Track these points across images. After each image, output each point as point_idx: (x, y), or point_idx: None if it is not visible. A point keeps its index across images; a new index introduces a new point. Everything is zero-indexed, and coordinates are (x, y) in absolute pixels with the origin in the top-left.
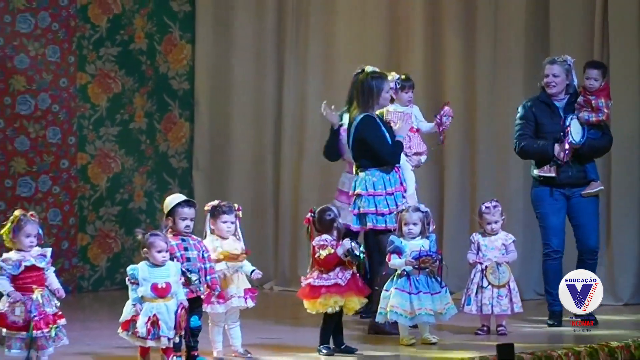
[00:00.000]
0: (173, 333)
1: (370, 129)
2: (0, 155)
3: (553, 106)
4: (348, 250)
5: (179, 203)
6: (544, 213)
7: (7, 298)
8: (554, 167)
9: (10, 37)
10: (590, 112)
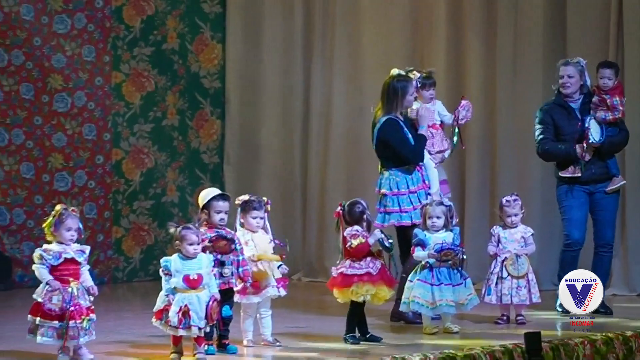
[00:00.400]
0: (204, 323)
1: (393, 131)
2: (38, 151)
3: (569, 108)
4: (378, 240)
5: (214, 196)
6: (568, 206)
7: (45, 286)
8: (578, 167)
9: (48, 38)
10: (606, 111)
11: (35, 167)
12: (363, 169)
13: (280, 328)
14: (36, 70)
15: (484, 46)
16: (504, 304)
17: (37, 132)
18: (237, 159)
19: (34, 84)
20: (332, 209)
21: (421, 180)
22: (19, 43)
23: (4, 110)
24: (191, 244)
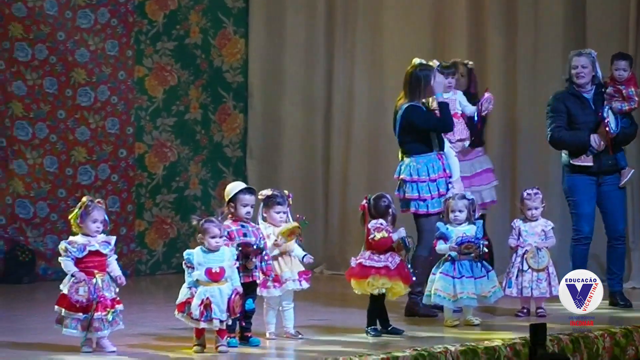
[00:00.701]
0: (225, 316)
1: (416, 114)
2: (62, 145)
3: (583, 98)
4: (402, 238)
5: (241, 190)
6: (579, 201)
7: (71, 278)
8: (590, 156)
9: (72, 32)
10: (622, 102)
11: (59, 160)
12: (385, 162)
13: (303, 321)
14: (60, 65)
15: (504, 39)
16: (525, 297)
17: (61, 126)
18: (260, 153)
19: (57, 78)
20: (354, 202)
21: (442, 169)
22: (43, 37)
23: (28, 104)
24: (213, 237)
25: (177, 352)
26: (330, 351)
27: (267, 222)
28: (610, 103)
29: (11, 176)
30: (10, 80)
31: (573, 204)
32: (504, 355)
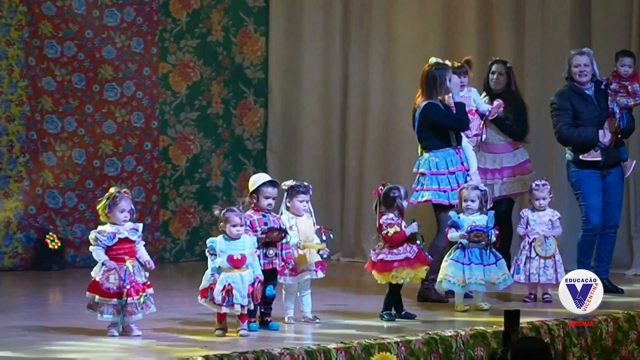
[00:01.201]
0: (247, 301)
1: (435, 112)
2: (90, 138)
3: (585, 95)
4: (414, 233)
5: (264, 183)
6: (588, 193)
7: (102, 267)
8: (598, 151)
9: (99, 30)
10: (627, 97)
11: (87, 153)
12: (398, 154)
13: (320, 306)
14: (87, 61)
15: (512, 36)
16: (532, 283)
17: (89, 119)
18: (280, 146)
19: (85, 74)
20: (368, 193)
21: (459, 162)
22: (71, 35)
23: (57, 99)
24: (235, 225)
25: (201, 335)
26: (346, 335)
27: (290, 212)
28: (616, 99)
29: (41, 168)
30: (40, 76)
31: (582, 196)
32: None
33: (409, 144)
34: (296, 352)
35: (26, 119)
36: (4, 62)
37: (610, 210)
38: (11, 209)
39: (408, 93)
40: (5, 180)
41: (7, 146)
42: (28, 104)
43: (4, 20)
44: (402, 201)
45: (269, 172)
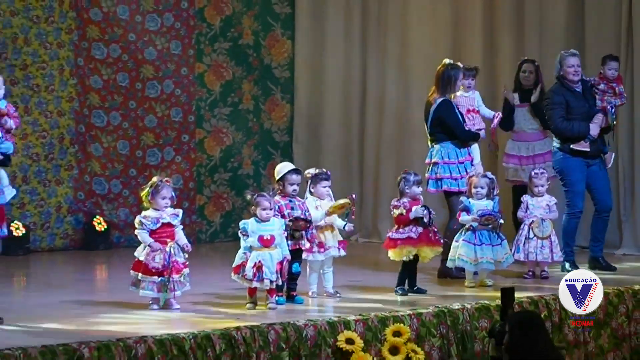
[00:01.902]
0: (275, 277)
1: (449, 112)
2: (133, 131)
3: (576, 92)
4: (417, 216)
5: (289, 171)
6: (575, 180)
7: (147, 248)
8: (587, 142)
9: (141, 34)
10: (615, 97)
11: (130, 144)
12: (410, 144)
13: (341, 281)
14: (131, 62)
15: (513, 42)
16: (530, 261)
17: (132, 114)
18: (304, 137)
19: (129, 74)
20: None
21: (467, 153)
22: (116, 38)
23: (104, 96)
24: (265, 209)
25: (233, 308)
26: (364, 308)
27: (314, 196)
28: (604, 98)
29: (89, 158)
30: (88, 75)
31: (569, 182)
32: None
33: (419, 136)
34: (319, 323)
35: (75, 113)
36: (56, 63)
37: (602, 197)
38: (62, 194)
39: (419, 91)
40: (57, 168)
41: (58, 138)
42: (77, 100)
43: (55, 25)
44: (409, 188)
45: (295, 161)
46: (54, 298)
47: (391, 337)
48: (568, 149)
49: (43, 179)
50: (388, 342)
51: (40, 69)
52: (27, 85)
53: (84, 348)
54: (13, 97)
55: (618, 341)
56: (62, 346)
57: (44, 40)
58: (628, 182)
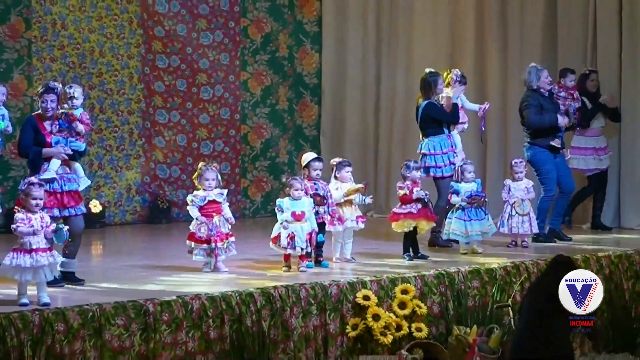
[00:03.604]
0: (305, 245)
1: (435, 110)
2: (189, 126)
3: (546, 97)
4: (418, 196)
5: (312, 159)
6: (549, 169)
7: (196, 221)
8: (559, 140)
9: (197, 48)
10: (574, 101)
11: (187, 137)
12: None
13: (358, 249)
14: (188, 70)
15: (499, 55)
16: (513, 234)
17: (189, 113)
18: (329, 132)
19: (186, 80)
20: (394, 166)
21: (450, 145)
22: (176, 51)
23: (165, 98)
24: (297, 189)
25: (271, 271)
26: (378, 271)
27: (338, 180)
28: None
29: (153, 148)
30: (153, 81)
31: (545, 171)
32: (499, 274)
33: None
34: (341, 283)
35: (142, 112)
36: (126, 71)
37: (567, 181)
38: (131, 178)
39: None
40: (127, 157)
41: (128, 132)
42: (144, 102)
43: (126, 40)
44: (409, 173)
45: (322, 152)
46: (124, 263)
47: (400, 294)
48: (539, 143)
49: (115, 166)
50: (397, 299)
51: (113, 76)
52: (102, 89)
53: (149, 304)
54: (91, 99)
55: None
56: (131, 302)
57: (116, 52)
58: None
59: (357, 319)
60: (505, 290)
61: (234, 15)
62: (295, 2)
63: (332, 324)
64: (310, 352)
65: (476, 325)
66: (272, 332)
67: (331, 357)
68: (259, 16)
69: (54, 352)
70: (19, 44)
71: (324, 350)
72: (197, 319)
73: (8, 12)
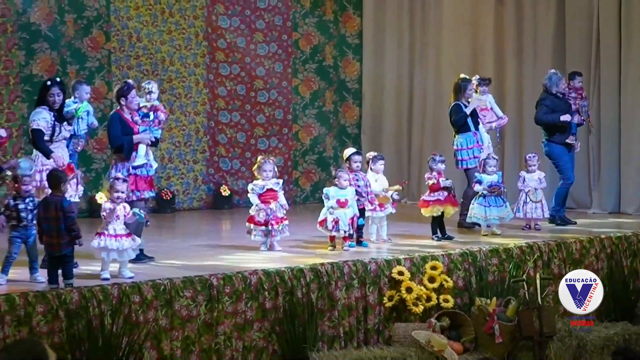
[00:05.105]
0: (348, 228)
1: (454, 112)
2: (248, 126)
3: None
4: (445, 186)
5: (352, 153)
6: (567, 161)
7: (255, 207)
8: (574, 137)
9: (254, 57)
10: (582, 100)
11: (246, 135)
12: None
13: (393, 231)
14: (247, 77)
15: (516, 62)
16: (527, 218)
17: (247, 114)
18: (369, 131)
19: (245, 86)
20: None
21: (476, 141)
22: (236, 60)
23: (227, 101)
24: (345, 180)
25: (319, 250)
26: (410, 249)
27: (373, 171)
28: (576, 102)
29: (217, 144)
30: (216, 86)
31: (562, 163)
32: (515, 253)
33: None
34: (379, 261)
35: (207, 113)
36: (193, 77)
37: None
38: (198, 170)
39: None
40: (194, 152)
41: (194, 131)
42: (208, 104)
43: (192, 51)
44: (435, 165)
45: (362, 147)
46: (192, 243)
47: (429, 270)
48: (556, 140)
49: (183, 159)
50: (427, 274)
51: (182, 82)
52: (172, 93)
53: (213, 278)
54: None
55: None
56: (198, 277)
57: (184, 61)
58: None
59: (393, 291)
60: (520, 267)
61: (287, 29)
62: (340, 18)
63: (371, 295)
64: (352, 320)
65: (495, 297)
66: (319, 303)
67: (370, 324)
68: (308, 30)
69: (130, 320)
70: (100, 54)
71: (364, 318)
72: (254, 291)
73: (90, 26)
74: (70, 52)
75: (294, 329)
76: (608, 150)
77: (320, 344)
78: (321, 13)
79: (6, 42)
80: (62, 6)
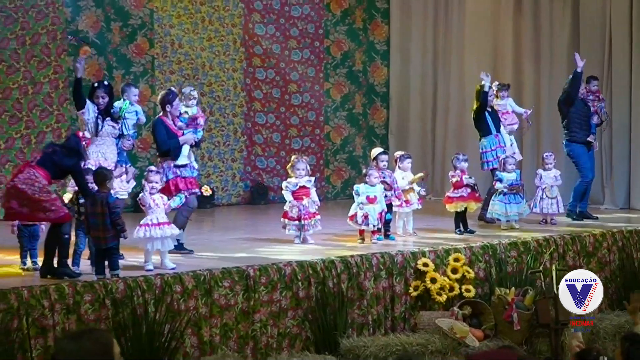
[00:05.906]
0: (377, 222)
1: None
2: (282, 127)
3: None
4: (467, 183)
5: (379, 152)
6: (585, 160)
7: (289, 203)
8: (593, 135)
9: (288, 63)
10: (599, 102)
11: (281, 135)
12: (466, 136)
13: (418, 225)
14: (281, 81)
15: (533, 67)
16: (544, 213)
17: (282, 116)
18: (396, 131)
19: (280, 89)
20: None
21: (498, 143)
22: (272, 66)
23: (263, 103)
24: (375, 177)
25: (349, 243)
26: (434, 242)
27: (400, 169)
28: (595, 104)
29: (253, 144)
30: (253, 90)
31: (582, 162)
32: (532, 245)
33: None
34: (405, 253)
35: (244, 115)
36: (231, 82)
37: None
38: (236, 168)
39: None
40: (232, 151)
41: (232, 131)
42: (245, 106)
43: (231, 56)
44: (458, 163)
45: (390, 147)
46: (229, 236)
47: (452, 262)
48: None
49: (222, 158)
50: (450, 265)
51: (221, 85)
52: (211, 96)
53: (249, 269)
54: (202, 104)
55: (602, 266)
56: (235, 268)
57: (223, 66)
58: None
59: (418, 281)
60: (537, 259)
61: (319, 36)
62: (369, 26)
63: (397, 285)
64: (380, 309)
65: (514, 287)
66: (349, 292)
67: (397, 312)
68: (339, 37)
69: (172, 308)
70: (144, 59)
71: (391, 307)
72: (289, 282)
73: (135, 33)
74: (116, 58)
75: (326, 316)
76: (619, 150)
77: (350, 330)
78: (351, 21)
79: (56, 48)
80: (108, 15)
